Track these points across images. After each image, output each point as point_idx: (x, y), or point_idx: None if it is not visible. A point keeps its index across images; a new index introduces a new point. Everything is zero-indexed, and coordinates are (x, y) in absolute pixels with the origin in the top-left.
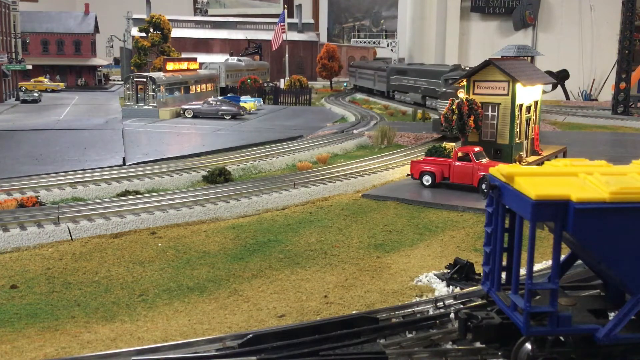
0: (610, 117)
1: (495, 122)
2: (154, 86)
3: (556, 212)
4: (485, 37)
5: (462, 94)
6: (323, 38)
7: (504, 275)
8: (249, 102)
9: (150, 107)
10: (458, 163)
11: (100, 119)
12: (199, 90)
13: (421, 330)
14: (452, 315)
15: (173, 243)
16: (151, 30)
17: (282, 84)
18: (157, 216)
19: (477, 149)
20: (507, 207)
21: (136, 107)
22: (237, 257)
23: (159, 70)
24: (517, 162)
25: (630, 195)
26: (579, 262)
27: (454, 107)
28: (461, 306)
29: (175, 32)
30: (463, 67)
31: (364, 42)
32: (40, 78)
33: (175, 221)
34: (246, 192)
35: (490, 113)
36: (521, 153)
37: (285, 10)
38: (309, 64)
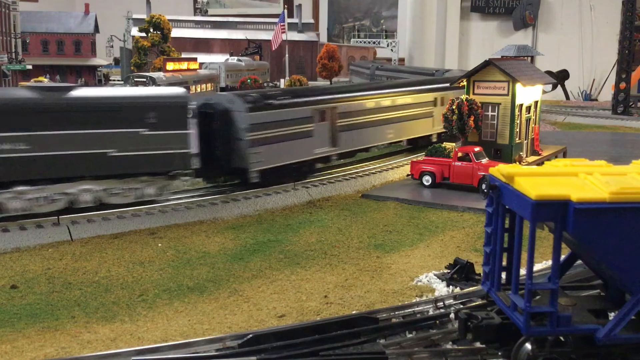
0: (610, 117)
1: (495, 122)
2: (154, 86)
3: (556, 212)
4: (485, 37)
5: None
6: (323, 38)
7: (504, 275)
8: None
9: None
10: (458, 163)
11: None
12: (199, 90)
13: (421, 330)
14: (452, 316)
15: (173, 243)
16: (151, 30)
17: (282, 84)
18: (157, 216)
19: (477, 149)
20: (507, 207)
21: None
22: (237, 257)
23: (159, 70)
24: (517, 162)
25: (630, 195)
26: (579, 262)
27: (454, 107)
28: (461, 306)
29: (175, 32)
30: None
31: (364, 42)
32: (40, 78)
33: (175, 221)
34: (246, 192)
35: (490, 113)
36: (521, 153)
37: (285, 10)
38: (309, 64)
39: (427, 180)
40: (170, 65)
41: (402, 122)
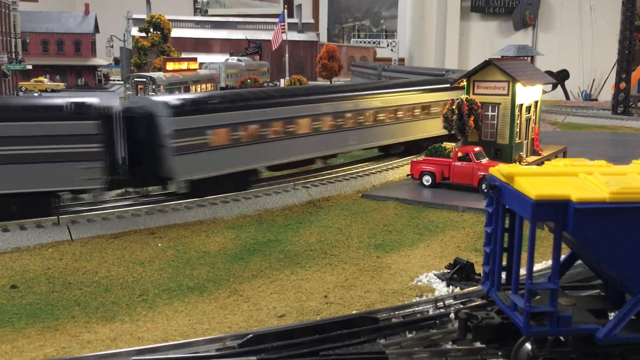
0: (610, 117)
1: (495, 122)
2: (153, 86)
3: (556, 212)
4: (485, 37)
5: None
6: (323, 38)
7: (504, 275)
8: None
9: None
10: (458, 163)
11: None
12: (199, 90)
13: (421, 330)
14: (452, 315)
15: (173, 243)
16: (151, 30)
17: (282, 84)
18: (157, 216)
19: (477, 149)
20: (507, 207)
21: None
22: (237, 257)
23: (159, 70)
24: (517, 162)
25: (630, 195)
26: (579, 262)
27: (454, 107)
28: (461, 306)
29: (175, 32)
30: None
31: (364, 42)
32: (40, 78)
33: (175, 221)
34: (246, 192)
35: (490, 113)
36: (521, 153)
37: (285, 10)
38: (309, 64)
39: (427, 180)
40: (170, 65)
41: None
